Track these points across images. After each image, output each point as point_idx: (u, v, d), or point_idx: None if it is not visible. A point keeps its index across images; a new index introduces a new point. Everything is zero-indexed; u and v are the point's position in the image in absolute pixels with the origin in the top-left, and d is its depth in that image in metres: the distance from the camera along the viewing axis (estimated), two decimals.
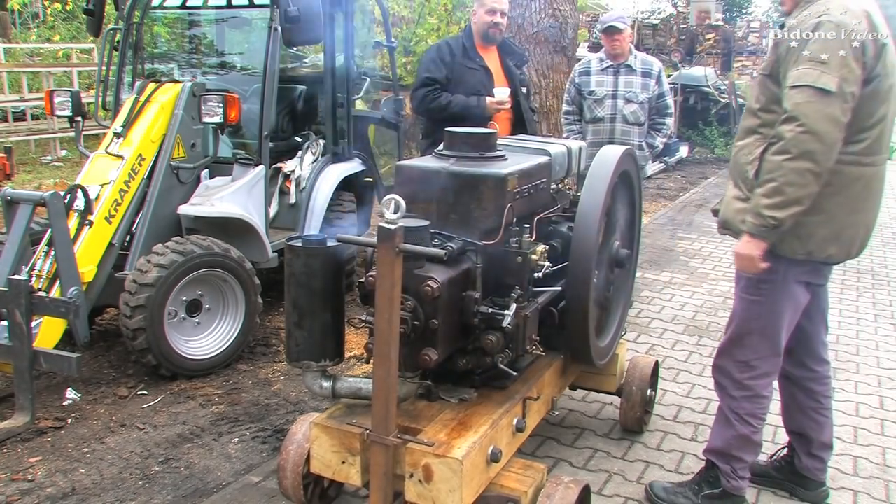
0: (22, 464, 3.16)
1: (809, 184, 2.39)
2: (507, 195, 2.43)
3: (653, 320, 5.12)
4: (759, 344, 2.69)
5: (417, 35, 10.25)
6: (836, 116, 2.34)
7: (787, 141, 2.37)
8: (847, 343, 4.77)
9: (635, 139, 4.94)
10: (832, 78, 2.32)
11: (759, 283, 2.64)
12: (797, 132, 2.35)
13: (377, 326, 2.11)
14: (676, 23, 15.16)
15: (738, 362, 2.74)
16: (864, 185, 2.54)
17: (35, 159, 10.36)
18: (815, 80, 2.33)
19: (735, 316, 2.77)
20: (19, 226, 3.49)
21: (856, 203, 2.55)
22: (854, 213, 2.56)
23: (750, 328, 2.70)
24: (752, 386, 2.72)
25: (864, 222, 2.61)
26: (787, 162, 2.38)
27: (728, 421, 2.78)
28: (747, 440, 2.76)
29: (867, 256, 7.05)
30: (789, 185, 2.39)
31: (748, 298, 2.70)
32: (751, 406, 2.73)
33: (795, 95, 2.37)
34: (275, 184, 4.86)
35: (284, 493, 2.69)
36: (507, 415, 2.46)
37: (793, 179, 2.38)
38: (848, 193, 2.52)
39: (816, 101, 2.33)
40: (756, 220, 2.46)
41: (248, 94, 5.27)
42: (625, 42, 4.92)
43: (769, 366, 2.72)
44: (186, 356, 3.95)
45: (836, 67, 2.33)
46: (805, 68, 2.36)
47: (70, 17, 14.78)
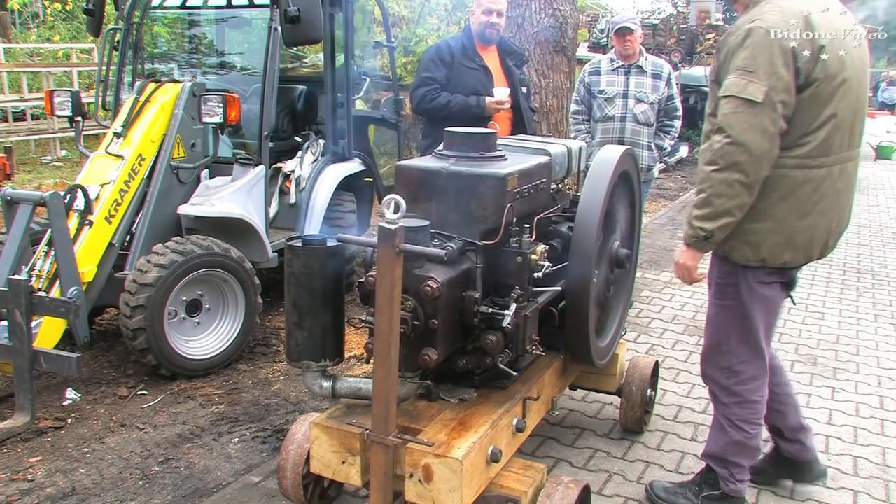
0: (22, 464, 3.16)
1: (739, 195, 2.38)
2: (507, 195, 2.43)
3: (653, 320, 5.12)
4: (738, 348, 2.67)
5: (417, 35, 10.25)
6: (764, 126, 2.32)
7: (715, 152, 2.37)
8: (847, 343, 4.77)
9: (645, 139, 4.96)
10: (759, 87, 2.30)
11: (725, 287, 2.64)
12: (724, 143, 2.35)
13: (377, 326, 2.11)
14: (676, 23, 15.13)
15: (722, 368, 2.72)
16: (814, 187, 2.48)
17: (35, 159, 10.36)
18: (741, 91, 2.33)
19: (710, 322, 2.77)
20: (19, 226, 3.49)
21: (805, 207, 2.49)
22: (805, 217, 2.50)
23: (726, 333, 2.68)
24: (739, 391, 2.70)
25: (822, 225, 2.54)
26: (716, 173, 2.38)
27: (721, 426, 2.77)
28: (743, 445, 2.73)
29: (867, 256, 7.05)
30: (717, 197, 2.39)
31: (719, 304, 2.69)
32: (742, 412, 2.70)
33: (724, 106, 2.37)
34: (275, 184, 4.86)
35: (284, 493, 2.69)
36: (507, 415, 2.46)
37: (721, 190, 2.38)
38: (796, 198, 2.48)
39: (743, 112, 2.32)
40: (689, 231, 2.49)
41: (248, 94, 5.27)
42: (636, 43, 4.93)
43: (754, 369, 2.68)
44: (186, 356, 3.95)
45: (764, 76, 2.31)
46: (733, 77, 2.36)
47: (70, 17, 14.79)
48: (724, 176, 2.37)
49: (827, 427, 3.61)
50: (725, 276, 2.64)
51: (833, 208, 2.54)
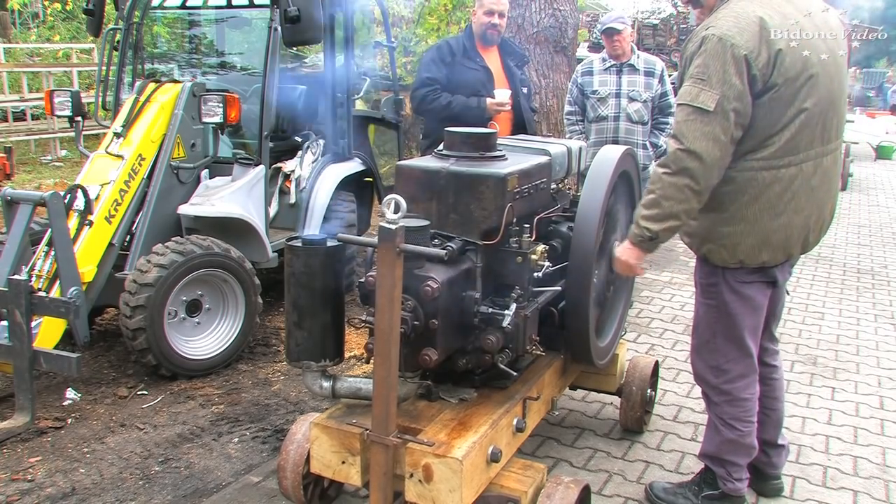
0: (22, 464, 3.16)
1: (688, 200, 2.41)
2: (507, 195, 2.43)
3: (653, 320, 5.12)
4: (724, 347, 2.69)
5: (417, 35, 10.24)
6: (715, 135, 2.34)
7: (668, 156, 2.41)
8: (847, 343, 4.77)
9: (639, 138, 4.95)
10: (712, 96, 2.32)
11: (708, 287, 2.67)
12: (676, 149, 2.38)
13: (377, 326, 2.11)
14: (676, 23, 15.15)
15: (711, 367, 2.74)
16: (784, 187, 2.48)
17: (35, 159, 10.36)
18: (693, 99, 2.35)
19: (697, 321, 2.79)
20: (19, 226, 3.49)
21: (777, 207, 2.49)
22: (778, 217, 2.50)
23: (712, 332, 2.71)
24: (728, 390, 2.71)
25: (797, 222, 2.54)
26: (667, 176, 2.41)
27: (715, 426, 2.78)
28: (736, 444, 2.74)
29: (867, 256, 7.05)
30: (666, 199, 2.42)
31: (704, 303, 2.72)
32: (733, 410, 2.71)
33: (678, 113, 2.41)
34: (275, 184, 4.86)
35: (284, 493, 2.69)
36: (507, 415, 2.46)
37: (671, 194, 2.41)
38: (766, 199, 2.49)
39: (695, 120, 2.34)
40: (635, 229, 2.53)
41: (248, 94, 5.27)
42: (625, 42, 4.92)
43: (742, 367, 2.70)
44: (186, 356, 3.95)
45: (716, 84, 2.32)
46: (688, 85, 2.38)
47: (70, 17, 14.78)
48: (674, 180, 2.40)
49: (827, 427, 3.61)
50: (707, 277, 2.67)
51: (809, 204, 2.54)
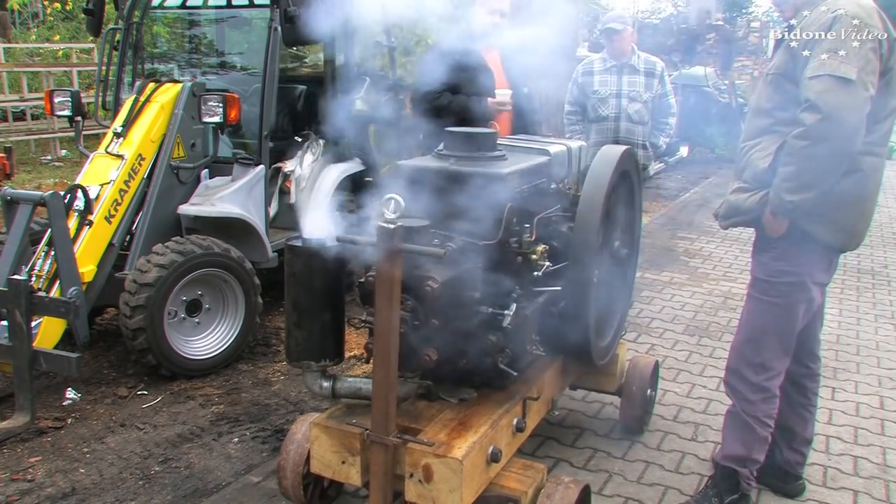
0: (22, 464, 3.16)
1: (829, 171, 2.43)
2: (507, 195, 2.43)
3: (653, 320, 5.11)
4: (774, 345, 2.70)
5: (417, 35, 10.23)
6: (857, 104, 2.36)
7: (808, 128, 2.39)
8: (847, 343, 4.77)
9: (639, 138, 4.94)
10: (851, 67, 2.34)
11: (777, 285, 2.67)
12: (817, 120, 2.37)
13: (377, 326, 2.11)
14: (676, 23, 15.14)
15: (755, 364, 2.73)
16: (878, 177, 2.59)
17: (35, 159, 10.35)
18: (834, 70, 2.35)
19: (749, 317, 2.77)
20: (19, 226, 3.49)
21: (870, 194, 2.60)
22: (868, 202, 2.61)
23: (766, 329, 2.71)
24: (768, 387, 2.73)
25: (871, 215, 2.67)
26: (807, 148, 2.40)
27: (748, 426, 2.76)
28: (764, 442, 2.78)
29: (867, 256, 7.05)
30: (807, 172, 2.43)
31: (764, 300, 2.71)
32: (767, 407, 2.74)
33: (815, 85, 2.38)
34: (275, 184, 4.86)
35: (284, 493, 2.69)
36: (507, 415, 2.46)
37: (811, 166, 2.42)
38: (863, 185, 2.56)
39: (837, 90, 2.35)
40: (774, 200, 2.53)
41: (248, 94, 5.27)
42: (625, 42, 4.91)
43: (781, 365, 2.74)
44: (186, 356, 3.95)
45: (854, 57, 2.35)
46: (824, 58, 2.38)
47: (70, 17, 14.77)
48: (815, 151, 2.39)
49: (827, 427, 3.61)
50: (778, 275, 2.66)
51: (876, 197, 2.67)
